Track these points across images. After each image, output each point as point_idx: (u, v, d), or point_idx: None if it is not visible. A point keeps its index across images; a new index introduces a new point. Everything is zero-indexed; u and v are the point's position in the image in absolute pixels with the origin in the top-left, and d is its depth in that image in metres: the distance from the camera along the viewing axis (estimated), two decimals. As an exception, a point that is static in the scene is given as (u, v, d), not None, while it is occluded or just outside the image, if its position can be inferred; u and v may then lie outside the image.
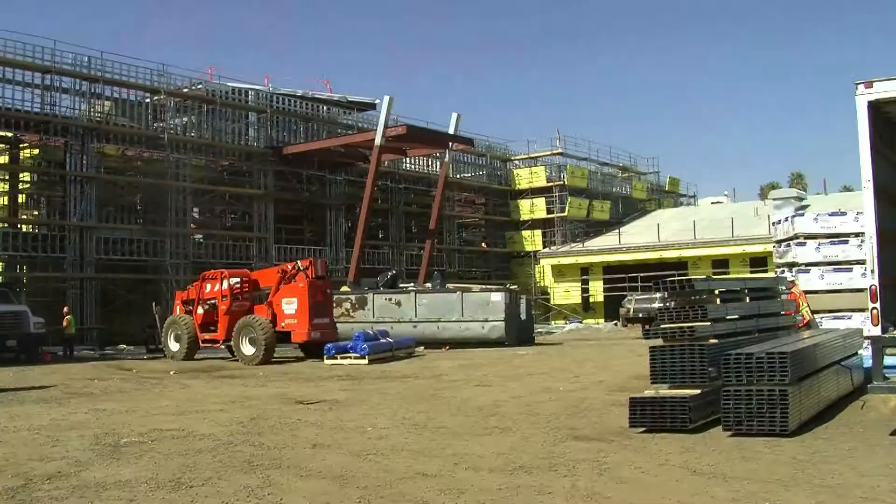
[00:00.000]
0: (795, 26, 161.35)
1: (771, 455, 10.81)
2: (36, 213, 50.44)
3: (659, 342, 13.54)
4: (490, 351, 32.26)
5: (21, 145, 46.05)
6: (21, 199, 49.89)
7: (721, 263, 56.01)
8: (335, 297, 35.47)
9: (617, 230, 64.53)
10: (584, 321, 59.06)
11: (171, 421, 14.68)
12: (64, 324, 34.81)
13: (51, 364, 30.05)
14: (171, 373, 26.22)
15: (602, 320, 58.40)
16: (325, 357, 28.85)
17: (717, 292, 14.96)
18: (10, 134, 43.08)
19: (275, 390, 20.28)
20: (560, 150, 69.49)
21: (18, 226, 45.40)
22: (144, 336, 37.52)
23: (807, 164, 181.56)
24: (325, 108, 56.07)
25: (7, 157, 47.08)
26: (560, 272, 64.57)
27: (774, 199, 57.96)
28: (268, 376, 24.53)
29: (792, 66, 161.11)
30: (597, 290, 62.87)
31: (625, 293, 54.16)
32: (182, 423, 14.40)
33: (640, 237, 61.89)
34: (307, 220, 57.56)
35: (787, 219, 27.70)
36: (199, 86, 48.84)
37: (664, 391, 13.06)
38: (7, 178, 48.76)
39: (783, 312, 18.11)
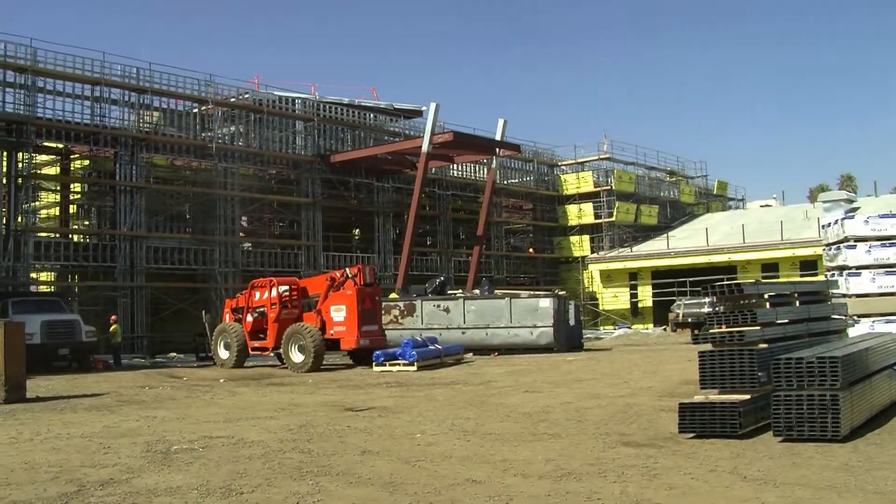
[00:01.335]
0: (845, 25, 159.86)
1: (822, 461, 10.70)
2: (87, 223, 50.90)
3: (708, 347, 13.44)
4: (539, 357, 32.20)
5: (72, 156, 46.49)
6: (72, 209, 50.37)
7: (770, 267, 55.59)
8: (384, 303, 35.47)
9: (665, 235, 64.18)
10: (632, 326, 58.73)
11: (221, 428, 14.77)
12: (111, 332, 35.13)
13: (102, 372, 30.35)
14: (221, 380, 26.38)
15: (651, 325, 58.08)
16: (373, 364, 28.89)
17: (766, 296, 14.83)
18: (61, 145, 43.51)
19: (324, 397, 20.34)
20: (607, 155, 69.26)
21: (70, 236, 45.82)
22: (194, 344, 37.79)
23: (857, 166, 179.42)
24: (371, 115, 56.15)
25: (58, 169, 47.52)
26: (608, 277, 64.36)
27: (824, 202, 57.06)
28: (317, 383, 24.60)
29: (843, 65, 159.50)
30: (645, 295, 62.61)
31: (673, 298, 53.95)
32: (232, 430, 14.48)
33: (689, 241, 61.51)
34: (355, 227, 57.69)
35: (837, 221, 27.37)
36: (246, 95, 49.10)
37: (714, 396, 12.95)
38: (58, 188, 49.22)
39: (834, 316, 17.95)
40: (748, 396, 12.68)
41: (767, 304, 14.54)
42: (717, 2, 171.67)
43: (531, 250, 69.25)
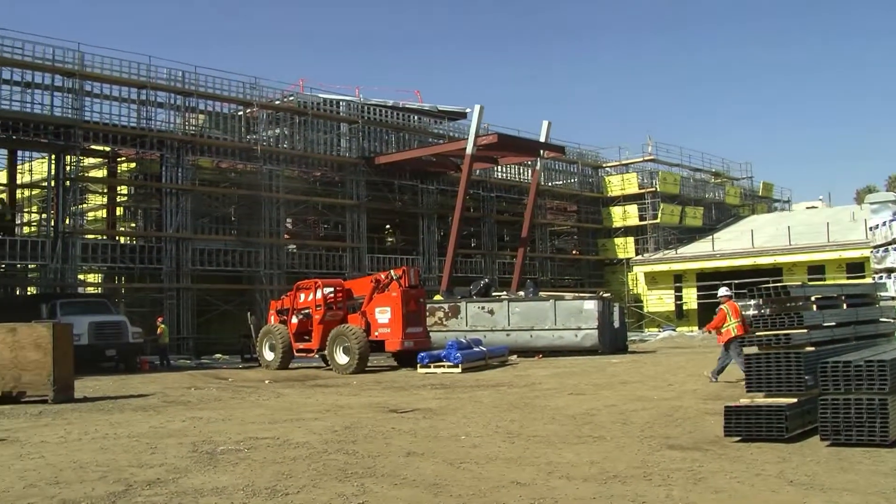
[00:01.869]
0: (892, 23, 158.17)
1: (871, 466, 10.58)
2: (133, 225, 51.40)
3: (754, 350, 13.35)
4: (583, 359, 32.10)
5: (118, 159, 46.91)
6: (119, 211, 50.82)
7: (817, 269, 55.10)
8: (428, 305, 35.49)
9: (710, 237, 63.74)
10: (677, 329, 58.42)
11: (266, 429, 14.83)
12: (158, 333, 35.40)
13: (149, 373, 30.61)
14: (266, 382, 26.51)
15: (696, 328, 57.57)
16: (418, 366, 28.89)
17: (813, 299, 14.72)
18: (107, 148, 43.86)
19: (368, 399, 20.37)
20: (652, 157, 68.98)
21: (116, 238, 46.27)
22: (240, 345, 37.99)
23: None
24: (415, 117, 56.25)
25: (105, 171, 47.95)
26: (653, 279, 64.07)
27: (871, 203, 56.47)
28: (361, 385, 24.66)
29: (891, 64, 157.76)
30: (690, 297, 62.24)
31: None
32: (277, 431, 14.54)
33: (734, 243, 61.05)
34: (399, 229, 57.80)
35: (884, 223, 27.17)
36: (291, 97, 49.32)
37: (760, 399, 12.85)
38: (105, 191, 49.69)
39: (882, 319, 17.79)
40: (794, 400, 12.58)
41: (814, 307, 14.43)
42: (761, 2, 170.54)
43: (575, 252, 69.12)
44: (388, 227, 60.50)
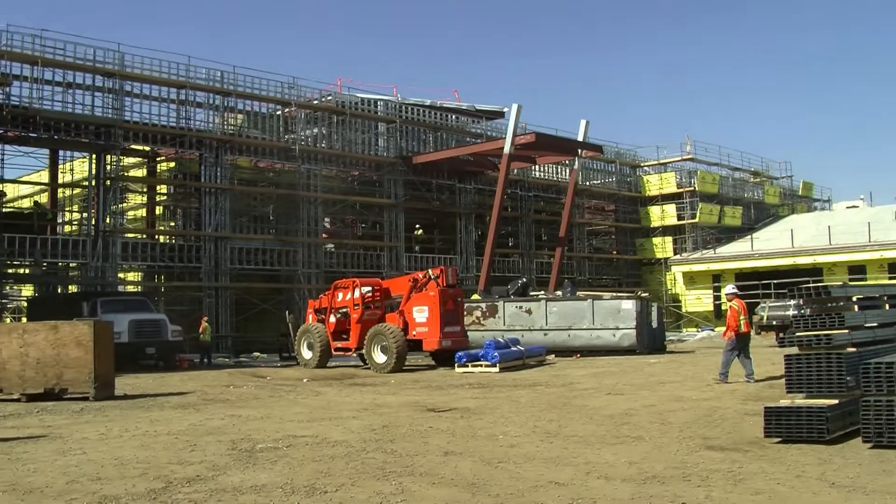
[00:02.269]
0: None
1: (914, 468, 10.49)
2: (172, 224, 51.71)
3: (794, 350, 13.24)
4: (621, 359, 31.96)
5: (158, 159, 47.24)
6: (158, 210, 51.15)
7: (858, 269, 54.60)
8: (466, 305, 35.46)
9: (749, 236, 63.39)
10: (715, 329, 58.01)
11: (304, 427, 14.88)
12: (201, 330, 35.60)
13: (187, 371, 30.78)
14: (305, 380, 26.59)
15: (734, 328, 57.24)
16: (456, 365, 28.81)
17: (854, 299, 14.58)
18: (147, 148, 44.24)
19: (406, 398, 20.38)
20: (690, 156, 68.64)
21: (156, 237, 46.55)
22: (278, 344, 38.21)
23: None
24: (453, 117, 56.32)
25: (145, 171, 48.31)
26: (691, 279, 63.73)
27: (913, 203, 56.38)
28: (399, 384, 24.67)
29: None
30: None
31: (758, 300, 53.21)
32: (315, 429, 14.58)
33: (774, 243, 60.58)
34: (438, 228, 57.84)
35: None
36: (329, 97, 49.45)
37: (800, 401, 12.74)
38: (145, 190, 50.04)
39: None
40: (836, 401, 12.46)
41: (855, 307, 14.30)
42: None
43: (613, 252, 68.95)
44: (417, 226, 60.41)
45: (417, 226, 60.78)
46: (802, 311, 14.31)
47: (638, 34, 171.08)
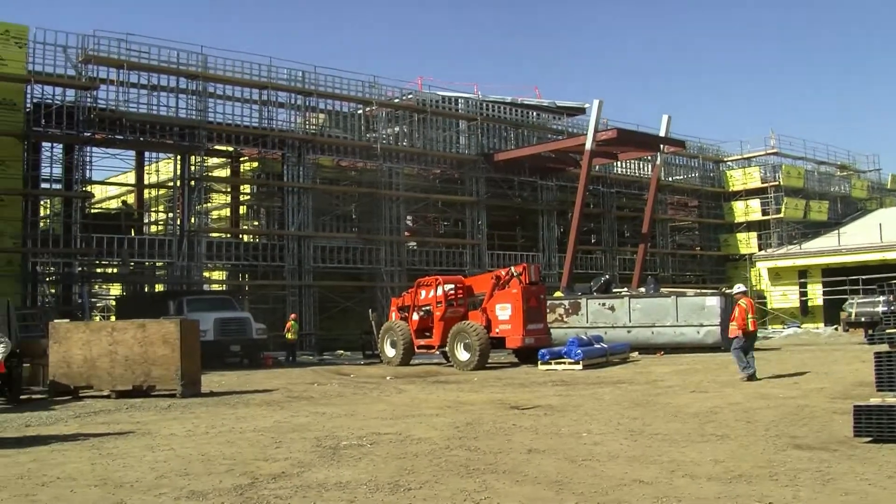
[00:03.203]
0: None
1: None
2: (256, 223, 52.31)
3: (884, 348, 12.96)
4: (705, 356, 31.62)
5: (241, 159, 47.82)
6: (242, 210, 51.77)
7: (949, 264, 53.51)
8: (549, 302, 35.34)
9: (836, 231, 62.26)
10: (802, 326, 57.22)
11: (388, 425, 14.89)
12: (287, 327, 35.90)
13: (272, 368, 31.04)
14: (388, 378, 26.64)
15: (821, 325, 56.38)
16: (539, 362, 28.65)
17: (948, 294, 14.26)
18: (230, 148, 44.79)
19: (489, 395, 20.32)
20: (774, 150, 67.56)
21: (240, 236, 47.08)
22: (361, 342, 38.35)
23: None
24: (534, 113, 56.19)
25: (228, 171, 48.91)
26: (777, 275, 62.88)
27: None
28: (482, 382, 24.61)
29: None
30: (815, 293, 60.90)
31: (845, 296, 52.39)
32: (399, 427, 14.59)
33: (861, 238, 59.47)
34: (520, 225, 57.76)
35: None
36: (410, 96, 49.61)
37: (891, 399, 12.43)
38: (229, 190, 50.64)
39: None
40: (929, 399, 12.18)
41: (949, 302, 13.97)
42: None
43: (697, 248, 68.32)
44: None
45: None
46: (892, 307, 14.02)
47: (720, 28, 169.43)
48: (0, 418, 16.06)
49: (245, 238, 46.82)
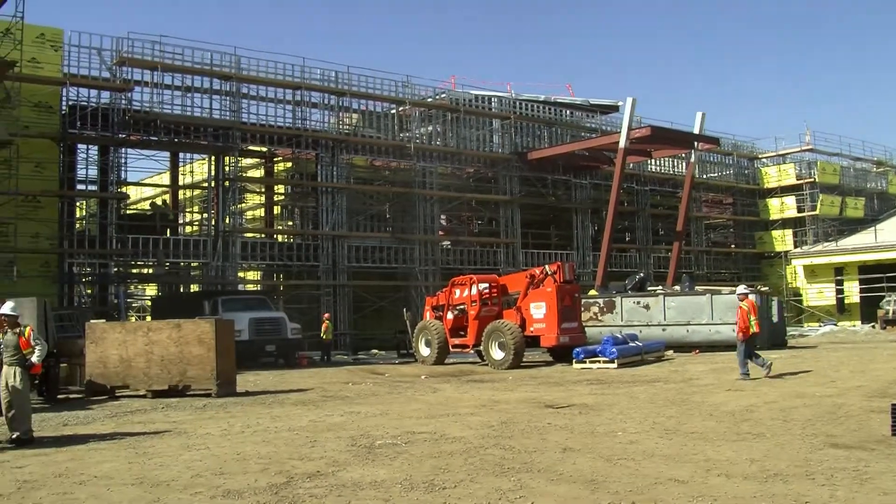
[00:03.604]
0: None
1: None
2: (290, 223, 52.43)
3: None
4: (741, 354, 31.43)
5: (275, 159, 47.98)
6: (276, 210, 51.93)
7: None
8: (583, 301, 35.26)
9: (873, 228, 61.71)
10: (838, 323, 56.78)
11: (422, 424, 14.91)
12: (324, 328, 35.99)
13: (307, 368, 31.13)
14: (422, 377, 26.68)
15: (858, 322, 55.96)
16: (573, 361, 28.59)
17: None
18: (264, 148, 44.96)
19: (524, 394, 20.31)
20: (810, 147, 67.01)
21: (274, 236, 47.21)
22: (395, 341, 38.42)
23: None
24: (567, 112, 56.03)
25: (262, 171, 49.12)
26: (812, 272, 62.40)
27: None
28: (517, 380, 24.60)
29: None
30: (852, 290, 60.38)
31: (882, 294, 51.98)
32: (433, 426, 14.60)
33: (899, 234, 59.05)
34: (554, 224, 57.65)
35: None
36: (443, 95, 49.62)
37: (930, 397, 12.36)
38: (263, 190, 50.83)
39: None
40: (969, 397, 12.06)
41: None
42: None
43: (732, 246, 67.98)
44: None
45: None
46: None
47: (753, 23, 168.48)
48: (38, 417, 16.17)
49: (279, 238, 46.92)
